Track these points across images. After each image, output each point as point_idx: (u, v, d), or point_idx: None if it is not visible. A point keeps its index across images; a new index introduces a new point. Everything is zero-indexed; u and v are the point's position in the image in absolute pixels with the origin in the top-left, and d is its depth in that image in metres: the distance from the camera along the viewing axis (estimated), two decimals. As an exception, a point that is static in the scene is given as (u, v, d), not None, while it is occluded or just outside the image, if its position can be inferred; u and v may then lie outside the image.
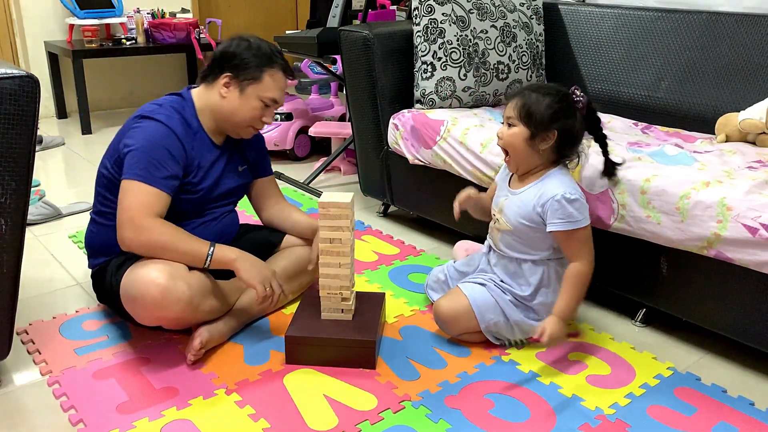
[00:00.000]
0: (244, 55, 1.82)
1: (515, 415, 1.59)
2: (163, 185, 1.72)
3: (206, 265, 1.73)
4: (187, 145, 1.80)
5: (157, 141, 1.74)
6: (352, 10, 3.65)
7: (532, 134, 1.72)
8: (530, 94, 1.73)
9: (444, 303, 1.84)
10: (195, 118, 1.86)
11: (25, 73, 1.46)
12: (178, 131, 1.78)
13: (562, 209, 1.71)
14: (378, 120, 2.61)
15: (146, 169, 1.71)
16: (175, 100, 1.87)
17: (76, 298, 2.13)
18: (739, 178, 1.77)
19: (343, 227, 1.74)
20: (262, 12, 5.40)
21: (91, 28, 4.14)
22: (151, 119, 1.78)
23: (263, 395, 1.64)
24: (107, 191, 1.85)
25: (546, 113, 1.70)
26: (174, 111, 1.82)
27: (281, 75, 1.86)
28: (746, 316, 1.73)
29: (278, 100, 1.88)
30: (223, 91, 1.84)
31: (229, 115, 1.85)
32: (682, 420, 1.58)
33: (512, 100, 1.76)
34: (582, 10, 2.78)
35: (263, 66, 1.83)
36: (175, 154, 1.76)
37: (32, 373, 1.73)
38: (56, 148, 3.82)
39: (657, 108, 2.51)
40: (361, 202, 2.99)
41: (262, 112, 1.86)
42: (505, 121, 1.77)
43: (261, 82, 1.83)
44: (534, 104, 1.71)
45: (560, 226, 1.72)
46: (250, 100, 1.83)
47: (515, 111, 1.73)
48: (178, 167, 1.76)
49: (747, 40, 2.33)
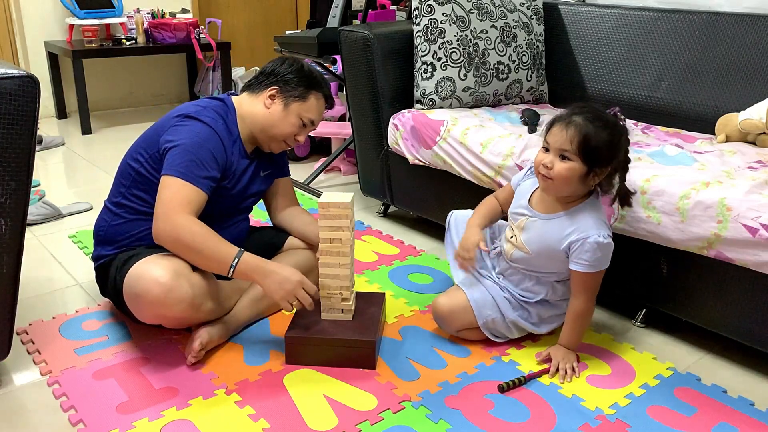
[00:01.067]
0: (295, 75, 1.90)
1: (515, 415, 1.59)
2: (203, 185, 1.74)
3: (230, 274, 1.70)
4: (228, 150, 1.83)
5: (202, 141, 1.76)
6: (352, 10, 3.65)
7: (588, 170, 1.62)
8: (587, 125, 1.58)
9: (442, 300, 1.84)
10: (235, 125, 1.89)
11: (25, 73, 1.45)
12: (222, 135, 1.81)
13: (593, 253, 1.65)
14: (378, 120, 2.61)
15: (188, 167, 1.72)
16: (218, 105, 1.89)
17: (76, 298, 2.13)
18: (739, 178, 1.77)
19: (343, 227, 1.74)
20: (262, 12, 5.39)
21: (91, 28, 4.14)
22: (197, 120, 1.79)
23: (263, 395, 1.64)
24: (133, 185, 1.84)
25: (607, 150, 1.59)
26: (218, 115, 1.84)
27: (323, 101, 1.94)
28: (746, 316, 1.73)
29: (315, 122, 1.94)
30: (268, 102, 1.88)
31: (269, 126, 1.88)
32: (682, 420, 1.58)
33: (566, 130, 1.60)
34: (582, 10, 2.78)
35: (311, 88, 1.90)
36: (217, 156, 1.78)
37: (32, 373, 1.73)
38: (56, 148, 3.82)
39: (657, 108, 2.51)
40: (361, 202, 2.99)
41: (299, 130, 1.91)
42: (557, 152, 1.62)
43: (306, 102, 1.89)
44: (594, 139, 1.58)
45: (585, 269, 1.67)
46: (291, 117, 1.88)
47: (573, 145, 1.58)
48: (217, 169, 1.78)
49: (747, 40, 2.33)
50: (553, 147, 1.63)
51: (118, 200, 1.88)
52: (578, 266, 1.68)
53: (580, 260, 1.67)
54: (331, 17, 3.25)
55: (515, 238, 1.78)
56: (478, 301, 1.80)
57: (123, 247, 1.84)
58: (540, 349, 1.82)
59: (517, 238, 1.77)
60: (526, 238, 1.75)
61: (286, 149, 1.98)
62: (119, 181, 1.89)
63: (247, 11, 5.33)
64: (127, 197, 1.86)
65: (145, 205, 1.82)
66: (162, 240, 1.72)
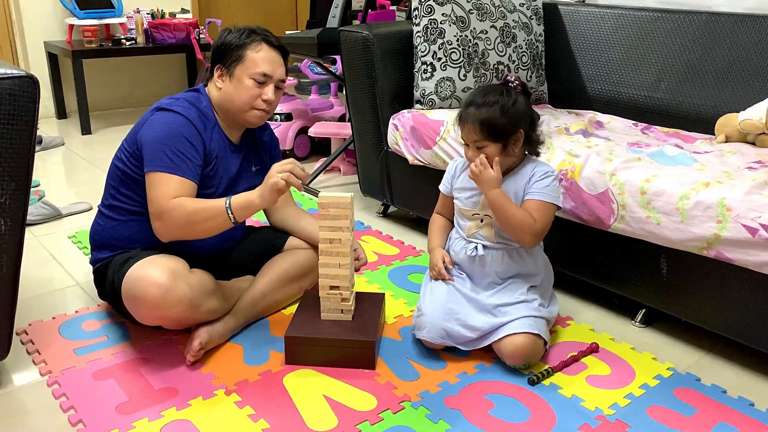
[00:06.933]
0: (226, 42, 1.83)
1: (515, 415, 1.59)
2: (187, 172, 1.73)
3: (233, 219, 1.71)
4: (205, 136, 1.81)
5: (174, 130, 1.75)
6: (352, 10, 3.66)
7: (503, 145, 1.73)
8: (479, 109, 1.72)
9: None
10: (211, 110, 1.86)
11: (25, 73, 1.45)
12: (195, 121, 1.79)
13: (551, 183, 1.77)
14: (378, 120, 2.61)
15: (168, 158, 1.72)
16: (192, 94, 1.88)
17: (75, 299, 2.13)
18: (739, 178, 1.77)
19: (342, 227, 1.74)
20: (262, 12, 5.40)
21: (90, 29, 4.14)
22: (168, 110, 1.78)
23: (263, 396, 1.64)
24: (121, 184, 1.84)
25: (506, 121, 1.70)
26: (190, 104, 1.83)
27: (265, 47, 1.83)
28: (746, 317, 1.73)
29: (270, 73, 1.83)
30: (219, 83, 1.85)
31: (229, 103, 1.84)
32: (682, 420, 1.58)
33: (466, 125, 1.74)
34: (582, 11, 2.78)
35: (244, 45, 1.81)
36: (194, 142, 1.76)
37: (32, 374, 1.73)
38: (56, 149, 3.82)
39: (657, 108, 2.51)
40: (361, 202, 2.99)
41: (258, 90, 1.82)
42: (471, 145, 1.75)
43: (245, 60, 1.81)
44: (490, 120, 1.70)
45: (540, 196, 1.75)
46: (242, 82, 1.81)
47: (478, 133, 1.72)
48: (198, 155, 1.77)
49: (747, 41, 2.33)
50: (468, 142, 1.77)
51: (109, 202, 1.89)
52: (537, 195, 1.75)
53: (538, 189, 1.76)
54: (331, 17, 3.25)
55: (488, 216, 1.81)
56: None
57: (119, 250, 1.84)
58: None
59: (491, 214, 1.80)
60: None
61: (264, 116, 1.87)
62: (109, 183, 1.89)
63: (247, 11, 5.34)
64: (117, 198, 1.86)
65: (136, 204, 1.82)
66: (164, 236, 1.73)
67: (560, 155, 2.03)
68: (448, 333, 1.76)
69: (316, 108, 3.85)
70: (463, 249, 1.85)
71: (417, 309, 1.85)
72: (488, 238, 1.83)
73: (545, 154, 2.05)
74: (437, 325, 1.76)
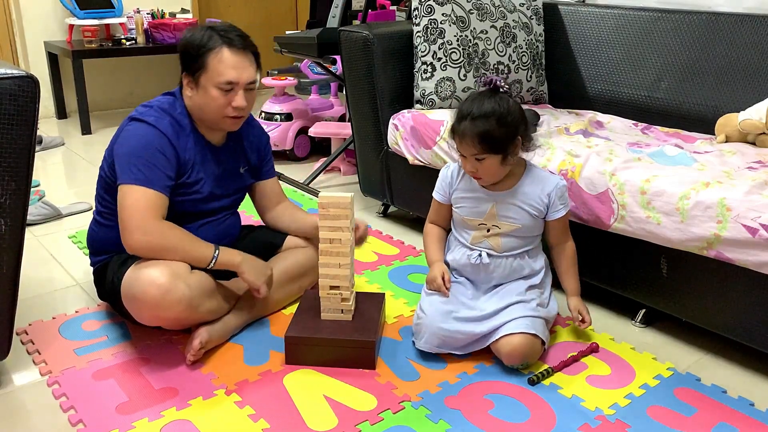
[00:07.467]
0: (186, 48, 1.76)
1: (515, 415, 1.59)
2: (160, 187, 1.72)
3: (210, 266, 1.75)
4: (179, 146, 1.78)
5: (147, 143, 1.73)
6: (352, 10, 3.65)
7: (503, 156, 1.72)
8: (475, 122, 1.68)
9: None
10: (186, 117, 1.82)
11: (25, 73, 1.46)
12: (167, 132, 1.76)
13: (564, 195, 1.83)
14: (378, 120, 2.61)
15: (141, 172, 1.70)
16: (166, 100, 1.84)
17: (75, 299, 2.13)
18: (739, 178, 1.77)
19: (342, 227, 1.74)
20: (262, 12, 5.40)
21: (90, 29, 4.14)
22: (140, 121, 1.76)
23: (263, 396, 1.64)
24: (105, 192, 1.86)
25: (504, 131, 1.68)
26: (163, 112, 1.79)
27: (226, 52, 1.72)
28: (746, 316, 1.73)
29: (235, 79, 1.73)
30: (187, 91, 1.80)
31: (199, 112, 1.80)
32: (682, 420, 1.58)
33: (464, 138, 1.70)
34: (582, 11, 2.78)
35: (203, 53, 1.72)
36: (167, 154, 1.74)
37: (32, 374, 1.73)
38: (56, 149, 3.82)
39: (657, 108, 2.51)
40: (361, 202, 2.99)
41: (226, 99, 1.75)
42: (469, 157, 1.73)
43: (208, 69, 1.73)
44: (488, 132, 1.67)
45: (566, 210, 1.83)
46: (208, 92, 1.74)
47: (476, 148, 1.69)
48: (170, 168, 1.75)
49: (747, 41, 2.33)
50: (466, 154, 1.74)
51: (99, 207, 1.89)
52: (561, 211, 1.82)
53: (559, 206, 1.82)
54: (331, 17, 3.25)
55: (496, 227, 1.81)
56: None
57: (114, 252, 1.84)
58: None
59: (500, 226, 1.80)
60: (505, 216, 1.80)
61: (239, 121, 1.82)
62: (97, 190, 1.90)
63: (247, 11, 5.33)
64: (103, 205, 1.87)
65: None
66: (137, 251, 1.70)
67: (560, 155, 2.03)
68: (447, 336, 1.75)
69: (316, 108, 3.85)
70: (467, 256, 1.85)
71: (416, 316, 1.84)
72: (495, 248, 1.82)
73: (545, 154, 2.05)
74: (435, 329, 1.75)
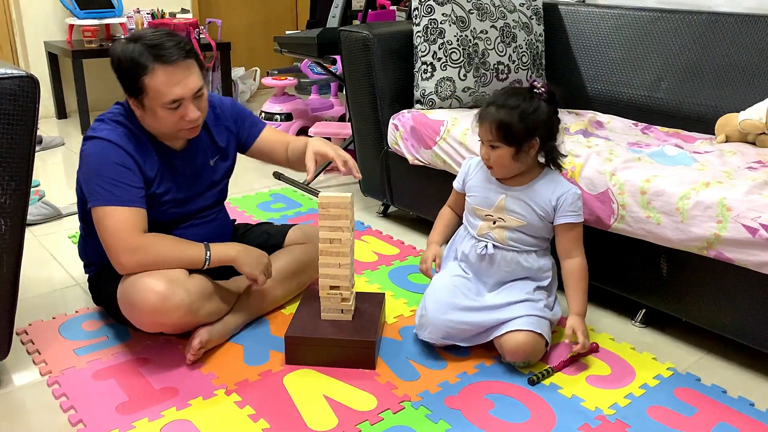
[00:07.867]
0: (120, 74, 1.65)
1: (515, 415, 1.59)
2: (133, 201, 1.67)
3: (206, 267, 1.74)
4: (139, 157, 1.71)
5: (105, 160, 1.66)
6: (352, 10, 3.66)
7: (516, 150, 1.72)
8: (499, 110, 1.71)
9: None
10: (140, 127, 1.74)
11: (25, 73, 1.46)
12: (123, 144, 1.68)
13: (576, 203, 1.78)
14: (378, 120, 2.61)
15: (109, 192, 1.65)
16: (119, 110, 1.75)
17: (75, 299, 2.13)
18: (739, 178, 1.77)
19: (342, 227, 1.74)
20: (262, 12, 5.39)
21: (90, 29, 4.14)
22: (94, 138, 1.69)
23: (263, 395, 1.64)
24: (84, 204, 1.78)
25: (522, 126, 1.69)
26: (116, 124, 1.71)
27: (161, 72, 1.60)
28: (746, 316, 1.73)
29: (180, 96, 1.63)
30: (137, 112, 1.71)
31: (153, 130, 1.73)
32: (682, 420, 1.58)
33: (484, 123, 1.73)
34: (582, 11, 2.78)
35: (137, 76, 1.61)
36: (128, 165, 1.68)
37: (32, 374, 1.73)
38: (56, 148, 3.82)
39: (657, 108, 2.51)
40: (361, 202, 2.99)
41: (176, 115, 1.66)
42: (487, 143, 1.75)
43: (149, 91, 1.62)
44: (507, 123, 1.69)
45: (575, 218, 1.78)
46: (156, 113, 1.66)
47: (493, 134, 1.71)
48: (137, 179, 1.69)
49: (747, 41, 2.32)
50: (483, 140, 1.77)
51: (82, 218, 1.87)
52: (570, 218, 1.78)
53: (568, 212, 1.78)
54: (331, 17, 3.26)
55: (502, 220, 1.81)
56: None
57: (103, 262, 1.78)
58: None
59: (505, 219, 1.81)
60: (512, 211, 1.80)
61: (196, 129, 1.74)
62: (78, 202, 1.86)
63: (247, 11, 5.33)
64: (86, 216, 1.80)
65: None
66: (129, 270, 1.68)
67: (560, 155, 2.03)
68: (450, 328, 1.76)
69: (316, 108, 3.86)
70: (473, 247, 1.85)
71: (420, 308, 1.85)
72: (499, 241, 1.83)
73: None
74: (439, 320, 1.76)
